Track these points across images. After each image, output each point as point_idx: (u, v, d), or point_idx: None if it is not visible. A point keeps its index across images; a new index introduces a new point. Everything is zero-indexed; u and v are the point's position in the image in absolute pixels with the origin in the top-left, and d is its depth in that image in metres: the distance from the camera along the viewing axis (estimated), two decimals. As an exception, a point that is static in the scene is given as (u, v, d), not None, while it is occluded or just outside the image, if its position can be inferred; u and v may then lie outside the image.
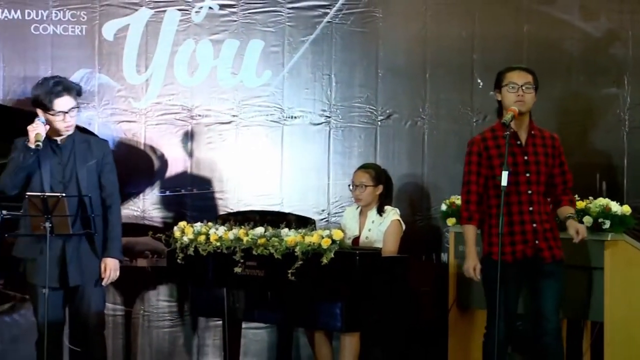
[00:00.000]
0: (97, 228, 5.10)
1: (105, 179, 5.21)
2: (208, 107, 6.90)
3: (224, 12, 6.88)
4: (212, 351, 6.86)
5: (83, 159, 5.15)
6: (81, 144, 5.19)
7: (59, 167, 5.13)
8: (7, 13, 6.77)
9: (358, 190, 5.93)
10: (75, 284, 5.11)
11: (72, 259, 5.09)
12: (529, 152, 4.88)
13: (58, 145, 5.14)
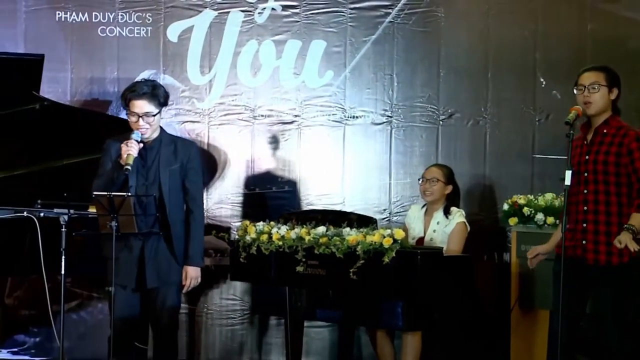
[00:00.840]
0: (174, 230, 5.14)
1: (190, 182, 5.23)
2: (270, 107, 6.93)
3: (287, 13, 6.90)
4: (274, 349, 6.89)
5: (167, 162, 5.19)
6: (167, 146, 5.23)
7: (144, 170, 5.18)
8: (75, 16, 6.87)
9: (429, 184, 5.89)
10: (151, 286, 5.17)
11: (150, 261, 5.14)
12: (592, 151, 4.80)
13: (144, 148, 5.19)
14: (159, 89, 5.21)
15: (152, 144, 5.22)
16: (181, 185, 5.23)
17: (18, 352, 6.90)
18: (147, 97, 5.12)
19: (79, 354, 6.62)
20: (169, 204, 5.16)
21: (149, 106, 5.12)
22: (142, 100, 5.11)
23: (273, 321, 6.86)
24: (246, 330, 6.96)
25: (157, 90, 5.18)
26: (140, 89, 5.15)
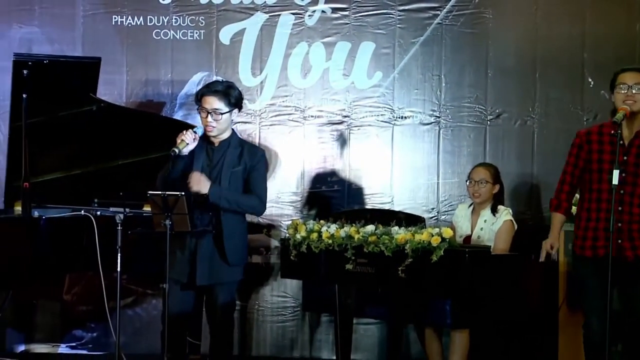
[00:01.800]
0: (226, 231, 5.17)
1: (252, 184, 5.25)
2: (320, 108, 6.97)
3: (336, 15, 6.93)
4: (325, 346, 6.92)
5: (230, 163, 5.22)
6: (234, 149, 5.26)
7: (207, 169, 5.23)
8: (131, 19, 6.97)
9: (478, 186, 5.88)
10: (201, 284, 5.21)
11: (203, 259, 5.19)
12: (630, 153, 4.79)
13: (212, 148, 5.26)
14: (232, 90, 5.23)
15: (220, 145, 5.26)
16: (242, 187, 5.26)
17: (76, 347, 7.02)
18: (219, 94, 5.17)
19: (134, 348, 6.68)
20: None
21: (219, 103, 5.16)
22: (213, 97, 5.16)
23: (323, 318, 6.90)
24: (297, 327, 7.00)
25: (230, 90, 5.22)
26: (214, 87, 5.22)
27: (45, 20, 6.97)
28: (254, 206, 5.28)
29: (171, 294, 5.13)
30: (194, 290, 5.27)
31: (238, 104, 5.27)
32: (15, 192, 5.78)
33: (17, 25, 6.96)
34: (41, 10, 6.97)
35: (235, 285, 5.33)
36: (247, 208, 5.27)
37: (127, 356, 5.92)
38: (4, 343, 6.98)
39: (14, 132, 5.77)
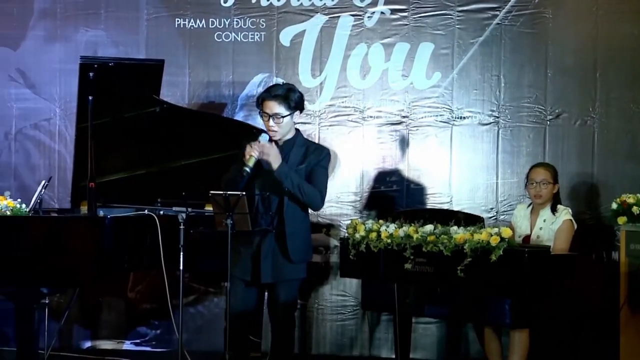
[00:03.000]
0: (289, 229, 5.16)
1: (314, 180, 5.19)
2: (379, 108, 6.94)
3: (395, 16, 6.90)
4: (384, 344, 6.89)
5: (295, 162, 5.20)
6: (299, 148, 5.25)
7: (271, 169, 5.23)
8: (193, 22, 7.01)
9: (539, 187, 5.80)
10: (266, 281, 5.21)
11: (266, 257, 5.19)
12: None
13: (277, 147, 5.24)
14: (292, 93, 5.19)
15: (285, 145, 5.25)
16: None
17: (140, 344, 7.08)
18: (279, 99, 5.15)
19: (196, 346, 6.73)
20: (287, 203, 5.17)
21: (279, 108, 5.14)
22: (274, 102, 5.15)
23: (382, 317, 6.87)
24: (356, 326, 6.98)
25: (290, 93, 5.19)
26: (274, 91, 5.19)
27: (111, 24, 7.06)
28: (314, 197, 5.19)
29: (234, 292, 5.15)
30: (257, 288, 5.27)
31: (298, 107, 5.23)
32: (82, 192, 5.85)
33: (84, 28, 7.06)
34: (107, 14, 7.06)
35: (298, 283, 5.31)
36: (308, 196, 5.16)
37: (189, 353, 5.96)
38: (71, 339, 7.08)
39: (80, 133, 5.83)
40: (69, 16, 7.07)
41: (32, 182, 6.91)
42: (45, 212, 6.05)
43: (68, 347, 6.98)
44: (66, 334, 7.01)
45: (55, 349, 6.47)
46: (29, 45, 7.09)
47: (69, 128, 6.96)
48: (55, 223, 5.65)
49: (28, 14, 7.08)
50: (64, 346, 6.94)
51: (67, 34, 7.07)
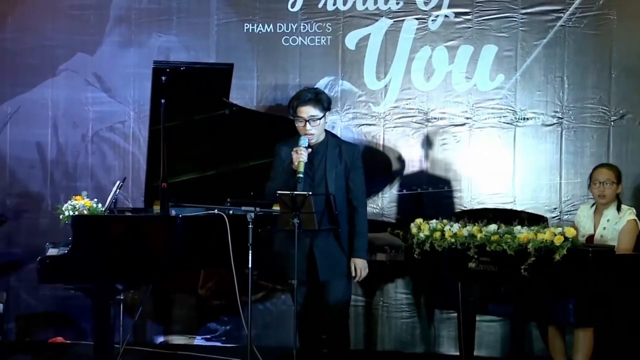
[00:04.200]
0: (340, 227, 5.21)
1: (352, 182, 5.33)
2: (443, 110, 6.91)
3: (459, 19, 6.85)
4: (447, 342, 6.85)
5: (333, 163, 5.30)
6: (333, 149, 5.34)
7: (310, 172, 5.29)
8: (261, 27, 7.05)
9: (603, 187, 5.72)
10: (324, 279, 5.26)
11: (321, 256, 5.23)
12: None
13: (312, 151, 5.30)
14: (321, 95, 5.34)
15: (319, 147, 5.33)
16: (345, 185, 5.33)
17: (210, 339, 7.14)
18: (312, 102, 5.27)
19: (265, 341, 6.77)
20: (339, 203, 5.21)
21: (314, 110, 5.26)
22: (308, 106, 5.27)
23: (446, 315, 6.83)
24: (420, 323, 6.95)
25: (320, 95, 5.32)
26: (305, 96, 5.32)
27: (182, 29, 7.13)
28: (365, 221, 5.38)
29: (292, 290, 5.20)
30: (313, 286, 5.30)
31: (329, 107, 5.39)
32: (154, 192, 5.92)
33: (157, 34, 7.14)
34: (178, 20, 7.14)
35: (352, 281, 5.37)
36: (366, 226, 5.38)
37: (258, 349, 6.00)
38: (145, 334, 7.17)
39: (153, 135, 5.90)
40: (143, 22, 7.16)
41: (108, 182, 7.02)
42: (119, 211, 6.14)
43: (142, 342, 7.07)
44: (140, 329, 7.11)
45: (129, 344, 6.56)
46: (105, 50, 7.21)
47: (142, 130, 7.05)
48: (130, 222, 5.73)
49: (104, 21, 7.19)
50: (138, 341, 7.03)
51: (141, 39, 7.17)
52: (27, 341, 7.13)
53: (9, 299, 6.59)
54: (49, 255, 5.58)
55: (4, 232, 7.20)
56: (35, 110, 7.20)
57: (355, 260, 5.32)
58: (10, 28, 7.22)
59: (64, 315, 7.18)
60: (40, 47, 7.21)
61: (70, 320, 7.18)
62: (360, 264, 5.33)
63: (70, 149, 7.21)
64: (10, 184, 7.22)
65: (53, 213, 6.53)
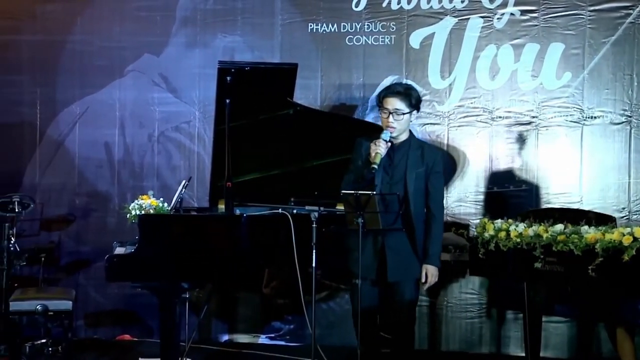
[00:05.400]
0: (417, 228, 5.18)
1: (432, 186, 5.27)
2: (508, 109, 6.84)
3: (525, 17, 6.78)
4: (512, 342, 6.78)
5: (414, 164, 5.25)
6: (415, 150, 5.29)
7: (390, 169, 5.27)
8: (325, 27, 7.06)
9: None
10: (393, 280, 5.24)
11: (392, 257, 5.21)
12: None
13: (393, 148, 5.28)
14: (412, 91, 5.29)
15: (401, 145, 5.29)
16: (424, 187, 5.27)
17: (275, 338, 7.17)
18: (400, 95, 5.22)
19: (329, 340, 6.77)
20: (413, 203, 5.19)
21: (400, 104, 5.21)
22: (394, 98, 5.23)
23: (510, 315, 6.76)
24: (484, 323, 6.90)
25: (410, 91, 5.27)
26: (394, 88, 5.31)
27: (247, 30, 7.17)
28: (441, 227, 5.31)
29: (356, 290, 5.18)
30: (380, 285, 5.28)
31: (417, 106, 5.30)
32: (219, 192, 5.95)
33: (222, 34, 7.19)
34: (243, 20, 7.18)
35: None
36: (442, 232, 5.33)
37: (322, 348, 6.00)
38: (210, 332, 7.22)
39: (218, 135, 5.94)
40: (208, 23, 7.22)
41: (173, 182, 7.10)
42: (185, 210, 6.20)
43: (207, 340, 7.13)
44: (205, 328, 7.16)
45: (195, 342, 6.62)
46: (170, 51, 7.28)
47: (207, 130, 7.11)
48: (195, 221, 5.78)
49: (170, 22, 7.26)
50: (203, 339, 7.09)
51: (206, 40, 7.22)
52: (95, 338, 7.24)
53: (78, 297, 6.69)
54: (116, 253, 5.65)
55: (72, 231, 7.32)
56: (103, 111, 7.31)
57: (427, 266, 5.27)
58: (79, 30, 7.34)
59: (131, 313, 7.28)
60: (108, 49, 7.31)
61: (137, 318, 7.27)
62: (432, 271, 5.28)
63: (137, 149, 7.30)
64: (79, 184, 7.33)
65: (120, 212, 6.64)
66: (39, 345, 6.43)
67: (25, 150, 7.35)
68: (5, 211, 6.49)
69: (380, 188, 5.21)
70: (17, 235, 6.65)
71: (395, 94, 5.23)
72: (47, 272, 7.08)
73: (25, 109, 7.35)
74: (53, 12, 7.34)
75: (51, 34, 7.34)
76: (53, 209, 7.31)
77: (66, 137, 7.32)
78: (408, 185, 5.21)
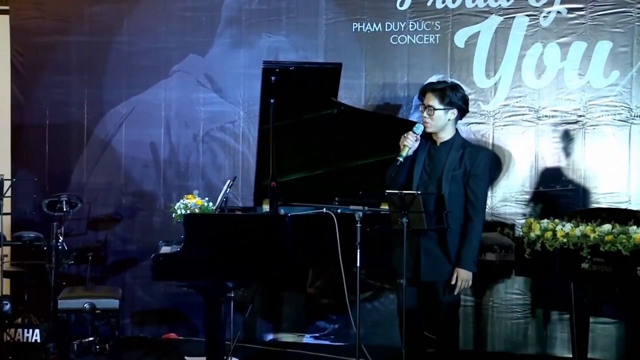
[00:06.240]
0: (451, 231, 5.12)
1: (470, 189, 5.13)
2: (554, 108, 6.78)
3: (572, 15, 6.71)
4: (559, 343, 6.72)
5: (451, 166, 5.16)
6: (456, 151, 5.20)
7: (429, 167, 5.23)
8: (370, 26, 7.05)
9: None
10: (425, 280, 5.20)
11: (425, 257, 5.18)
12: None
13: (434, 148, 5.25)
14: (451, 91, 5.20)
15: (442, 146, 5.23)
16: (462, 190, 5.15)
17: (319, 337, 7.17)
18: (436, 92, 5.19)
19: (373, 340, 6.75)
20: (447, 205, 5.11)
21: (434, 101, 5.18)
22: (431, 94, 5.21)
23: (558, 316, 6.70)
24: (530, 324, 6.84)
25: (449, 90, 5.20)
26: (435, 85, 5.27)
27: (291, 30, 7.18)
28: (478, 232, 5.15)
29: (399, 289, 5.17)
30: (417, 285, 5.25)
31: (455, 105, 5.20)
32: (264, 191, 5.97)
33: (266, 34, 7.21)
34: (288, 20, 7.19)
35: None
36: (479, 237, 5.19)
37: (366, 347, 5.98)
38: (254, 332, 7.25)
39: (263, 135, 5.95)
40: (253, 23, 7.24)
41: (218, 181, 7.14)
42: (230, 210, 6.22)
43: (252, 339, 7.16)
44: (250, 327, 7.18)
45: (240, 341, 6.65)
46: (216, 51, 7.31)
47: (252, 130, 7.14)
48: (240, 221, 5.80)
49: (216, 23, 7.30)
50: (248, 338, 7.12)
51: (251, 40, 7.25)
52: (141, 337, 7.30)
53: (125, 296, 6.75)
54: (162, 253, 5.70)
55: (119, 230, 7.39)
56: (149, 111, 7.36)
57: (459, 270, 5.13)
58: (125, 31, 7.40)
59: (177, 312, 7.33)
60: (154, 49, 7.37)
61: (182, 317, 7.32)
62: (463, 275, 5.13)
63: (182, 149, 7.35)
64: (125, 183, 7.40)
65: (166, 211, 6.68)
66: (86, 343, 6.51)
67: (73, 150, 7.43)
68: (53, 210, 6.57)
69: (416, 185, 5.18)
70: (65, 234, 6.73)
71: (432, 90, 5.21)
72: (94, 271, 7.16)
73: (73, 109, 7.43)
74: (100, 13, 7.41)
75: (98, 35, 7.41)
76: (100, 209, 7.39)
77: (113, 137, 7.39)
78: (443, 186, 5.14)
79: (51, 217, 6.58)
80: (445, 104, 5.18)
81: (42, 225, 6.82)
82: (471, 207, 5.13)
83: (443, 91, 5.18)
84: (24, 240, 6.70)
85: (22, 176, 7.18)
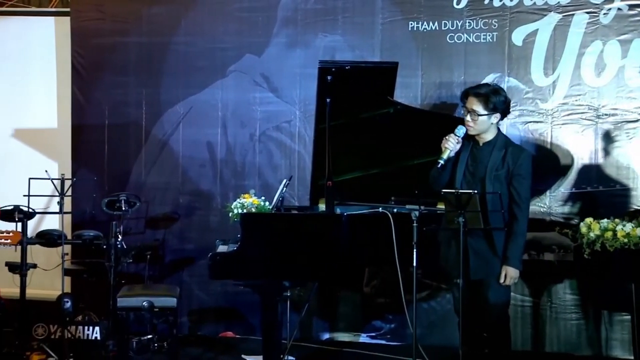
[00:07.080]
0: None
1: (514, 189, 5.16)
2: (615, 106, 6.69)
3: (634, 12, 6.62)
4: (620, 345, 6.63)
5: (494, 166, 5.18)
6: (498, 151, 5.21)
7: (472, 167, 5.23)
8: (426, 25, 7.02)
9: None
10: (475, 278, 5.20)
11: (473, 255, 5.17)
12: None
13: (477, 148, 5.25)
14: (495, 95, 5.20)
15: (485, 145, 5.24)
16: (506, 190, 5.16)
17: (375, 337, 7.17)
18: (480, 97, 5.19)
19: (430, 340, 6.72)
20: (490, 204, 5.10)
21: (477, 105, 5.18)
22: (474, 98, 5.21)
23: (618, 317, 6.60)
24: (590, 325, 6.75)
25: (492, 95, 5.20)
26: (479, 89, 5.27)
27: (347, 29, 7.18)
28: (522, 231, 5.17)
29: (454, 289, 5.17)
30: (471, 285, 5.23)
31: (499, 109, 5.21)
32: (320, 190, 5.98)
33: (322, 34, 7.22)
34: (344, 19, 7.19)
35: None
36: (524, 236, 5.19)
37: (423, 347, 5.97)
38: (311, 331, 7.26)
39: (319, 134, 5.96)
40: (309, 23, 7.26)
41: (274, 180, 7.16)
42: (286, 209, 6.25)
43: (308, 338, 7.17)
44: (306, 326, 7.20)
45: (296, 339, 6.66)
46: (272, 51, 7.34)
47: (307, 129, 7.15)
48: (296, 220, 5.82)
49: (272, 22, 7.33)
50: (304, 337, 7.13)
51: (307, 39, 7.26)
52: (199, 335, 7.36)
53: (182, 294, 6.81)
54: (219, 251, 5.74)
55: (177, 229, 7.46)
56: (206, 111, 7.42)
57: (506, 267, 5.17)
58: (183, 32, 7.47)
59: (234, 310, 7.37)
60: (211, 50, 7.42)
61: (239, 315, 7.36)
62: (511, 273, 5.17)
63: (239, 148, 7.39)
64: (183, 183, 7.46)
65: (223, 211, 6.74)
66: (145, 340, 6.58)
67: (132, 150, 7.52)
68: (112, 209, 6.65)
69: (459, 186, 5.18)
70: (124, 233, 6.81)
71: (475, 94, 5.20)
72: (152, 270, 7.24)
73: (131, 109, 7.53)
74: (158, 14, 7.49)
75: (156, 35, 7.49)
76: (158, 208, 7.47)
77: (170, 136, 7.46)
78: (487, 185, 5.15)
79: (110, 216, 6.67)
80: (489, 109, 5.17)
81: (101, 224, 6.91)
82: (516, 207, 5.15)
83: (487, 97, 5.18)
84: (84, 239, 6.79)
85: (82, 176, 7.28)
